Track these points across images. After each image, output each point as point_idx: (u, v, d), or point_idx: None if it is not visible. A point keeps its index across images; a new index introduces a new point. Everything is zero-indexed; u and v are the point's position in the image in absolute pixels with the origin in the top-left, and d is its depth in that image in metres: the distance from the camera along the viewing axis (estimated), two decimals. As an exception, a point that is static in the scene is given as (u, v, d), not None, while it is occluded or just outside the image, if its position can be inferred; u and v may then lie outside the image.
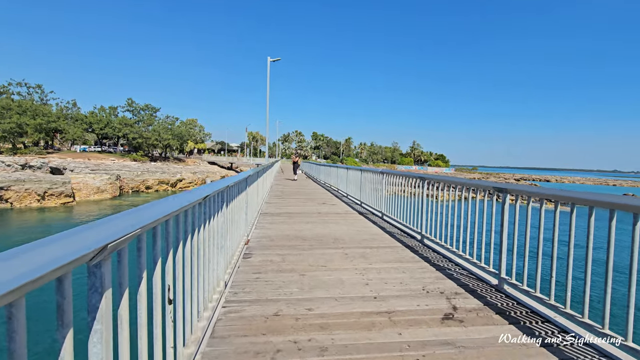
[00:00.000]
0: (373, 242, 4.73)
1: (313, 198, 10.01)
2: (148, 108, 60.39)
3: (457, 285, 3.13)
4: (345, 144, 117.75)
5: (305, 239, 4.84)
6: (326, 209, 7.89)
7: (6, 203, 26.31)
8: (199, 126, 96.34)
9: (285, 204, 8.57)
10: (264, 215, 6.71)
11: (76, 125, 52.56)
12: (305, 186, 14.55)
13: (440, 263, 3.84)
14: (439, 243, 4.28)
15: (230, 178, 3.11)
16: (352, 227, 5.82)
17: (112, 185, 36.60)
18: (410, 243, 4.75)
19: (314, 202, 8.98)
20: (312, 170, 22.82)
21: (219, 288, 2.62)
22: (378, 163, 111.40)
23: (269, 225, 5.70)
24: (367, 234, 5.30)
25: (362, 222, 6.35)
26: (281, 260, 3.77)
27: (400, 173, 5.83)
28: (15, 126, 42.80)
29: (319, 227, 5.67)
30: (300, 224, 5.94)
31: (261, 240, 4.65)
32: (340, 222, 6.19)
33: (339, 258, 3.93)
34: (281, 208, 7.76)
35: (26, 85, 50.70)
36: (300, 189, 13.22)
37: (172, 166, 54.36)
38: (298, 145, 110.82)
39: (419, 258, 4.01)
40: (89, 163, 44.44)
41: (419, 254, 4.17)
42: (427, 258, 4.01)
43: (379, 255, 4.07)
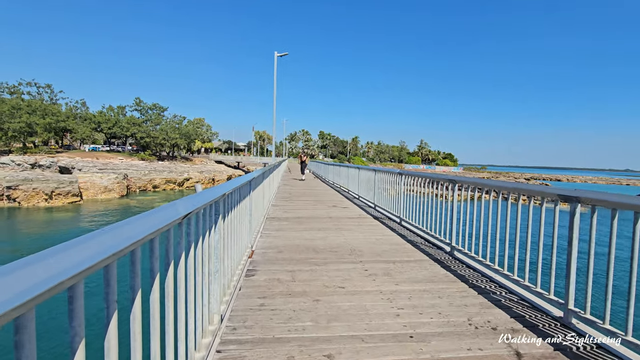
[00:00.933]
0: (396, 255, 4.12)
1: (323, 200, 9.42)
2: (156, 107, 60.48)
3: (511, 318, 2.51)
4: (352, 143, 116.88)
5: (317, 250, 4.25)
6: (338, 212, 7.29)
7: (14, 202, 26.32)
8: (207, 125, 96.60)
9: (294, 206, 8.00)
10: (270, 220, 6.14)
11: (85, 124, 52.84)
12: (313, 187, 13.97)
13: (480, 283, 3.21)
14: (474, 258, 3.65)
15: (230, 183, 2.54)
16: (368, 234, 5.21)
17: (120, 184, 36.55)
18: (438, 256, 4.12)
19: (324, 205, 8.39)
20: (320, 170, 22.23)
21: (212, 326, 2.04)
22: (385, 162, 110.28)
23: (276, 233, 5.12)
24: (387, 243, 4.69)
25: (379, 228, 5.73)
26: (290, 279, 3.19)
27: (424, 175, 5.20)
28: (25, 126, 43.11)
29: (332, 235, 5.07)
30: (311, 231, 5.35)
31: (267, 252, 4.07)
32: (354, 229, 5.58)
33: (359, 276, 3.33)
34: (289, 212, 7.18)
35: (36, 85, 51.14)
36: (309, 189, 12.65)
37: (179, 165, 54.33)
38: (305, 145, 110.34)
39: (454, 277, 3.38)
40: (97, 162, 44.56)
41: (452, 271, 3.55)
42: (464, 277, 3.38)
43: (406, 272, 3.46)
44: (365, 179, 9.03)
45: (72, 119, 51.19)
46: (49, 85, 53.20)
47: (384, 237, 5.08)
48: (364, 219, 6.63)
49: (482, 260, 3.51)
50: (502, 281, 3.21)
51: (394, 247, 4.46)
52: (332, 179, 15.92)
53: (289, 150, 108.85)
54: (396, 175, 6.43)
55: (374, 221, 6.38)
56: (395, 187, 6.47)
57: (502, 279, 3.24)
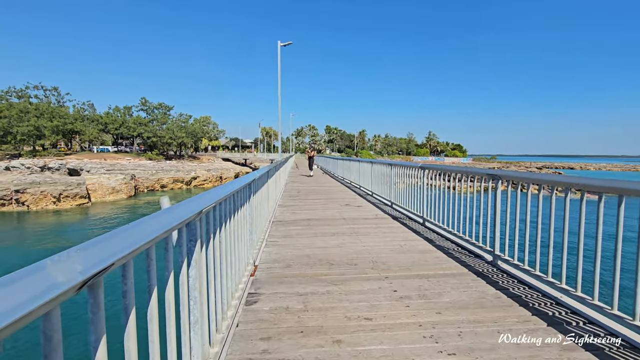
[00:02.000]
0: (427, 266, 3.42)
1: (334, 198, 8.74)
2: (161, 107, 60.35)
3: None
4: (359, 137, 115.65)
5: (333, 262, 3.58)
6: (352, 212, 6.61)
7: (23, 206, 26.32)
8: (213, 123, 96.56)
9: (302, 206, 7.34)
10: (276, 224, 5.49)
11: (92, 126, 52.99)
12: (322, 183, 13.30)
13: (545, 308, 2.50)
14: (530, 272, 2.93)
15: (214, 192, 1.87)
16: (389, 239, 4.52)
17: (127, 185, 36.48)
18: (479, 267, 3.41)
19: (336, 204, 7.70)
20: (328, 165, 21.53)
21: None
22: (393, 155, 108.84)
23: (283, 241, 4.47)
24: (414, 250, 3.99)
25: (401, 230, 5.03)
26: (302, 307, 2.53)
27: (454, 169, 4.47)
28: (34, 129, 43.32)
29: (349, 241, 4.40)
30: (324, 236, 4.68)
31: (273, 268, 3.42)
32: (373, 233, 4.90)
33: (388, 299, 2.66)
34: (297, 213, 6.53)
35: (43, 88, 51.38)
36: (318, 186, 11.98)
37: (186, 164, 54.19)
38: (312, 140, 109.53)
39: (508, 298, 2.68)
40: (104, 163, 44.63)
41: (502, 289, 2.84)
42: (520, 298, 2.68)
43: (446, 292, 2.77)
44: (380, 174, 8.31)
45: (80, 121, 51.35)
46: (55, 88, 53.42)
47: (407, 242, 4.38)
48: (381, 219, 5.93)
49: (540, 275, 2.80)
50: (573, 305, 2.50)
51: (423, 256, 3.77)
52: (342, 175, 15.21)
53: (296, 145, 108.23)
54: (417, 170, 5.70)
55: (393, 222, 5.68)
56: (415, 182, 5.74)
57: (573, 302, 2.52)
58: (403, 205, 6.46)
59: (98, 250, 0.73)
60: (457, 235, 4.28)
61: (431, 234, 4.79)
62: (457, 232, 4.28)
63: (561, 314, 2.41)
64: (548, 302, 2.59)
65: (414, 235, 4.77)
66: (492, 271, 3.29)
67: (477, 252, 3.82)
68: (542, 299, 2.66)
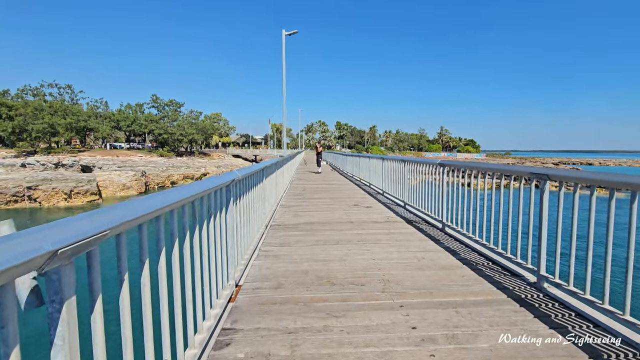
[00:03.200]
0: (453, 289, 2.72)
1: (341, 197, 8.06)
2: (172, 103, 60.61)
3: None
4: (369, 133, 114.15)
5: (334, 280, 2.92)
6: (360, 214, 5.92)
7: (35, 202, 26.57)
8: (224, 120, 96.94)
9: (306, 207, 6.69)
10: (274, 229, 4.85)
11: (105, 123, 53.59)
12: (330, 180, 12.62)
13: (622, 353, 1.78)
14: (595, 304, 2.20)
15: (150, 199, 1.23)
16: (404, 249, 3.82)
17: (138, 181, 36.59)
18: (518, 290, 2.69)
19: (343, 204, 7.02)
20: (337, 162, 20.82)
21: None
22: (404, 151, 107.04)
23: (279, 250, 3.82)
24: (434, 265, 3.29)
25: (417, 238, 4.32)
26: (289, 354, 1.87)
27: (483, 167, 3.72)
28: (48, 126, 44.00)
29: (355, 252, 3.72)
30: (327, 245, 4.01)
31: (260, 289, 2.77)
32: (384, 240, 4.20)
33: (404, 342, 1.98)
34: (300, 215, 5.88)
35: (57, 86, 52.15)
36: (325, 184, 11.31)
37: (197, 160, 54.31)
38: (322, 136, 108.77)
39: (567, 342, 1.96)
40: (116, 160, 45.05)
41: (558, 327, 2.13)
42: (598, 354, 1.96)
43: (483, 335, 2.07)
44: (392, 171, 7.57)
45: (94, 118, 51.99)
46: (69, 86, 54.22)
47: (426, 254, 3.67)
48: (393, 223, 5.23)
49: (616, 312, 2.07)
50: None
51: (447, 274, 3.06)
52: (351, 171, 14.49)
53: (306, 141, 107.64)
54: (436, 167, 4.96)
55: (407, 227, 4.97)
56: (433, 181, 5.01)
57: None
58: (418, 206, 5.73)
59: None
60: (486, 246, 3.55)
61: (453, 243, 4.07)
62: (487, 243, 3.55)
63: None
64: (627, 346, 1.87)
65: (432, 244, 4.05)
66: (539, 298, 2.56)
67: (514, 270, 3.09)
68: (618, 348, 1.93)
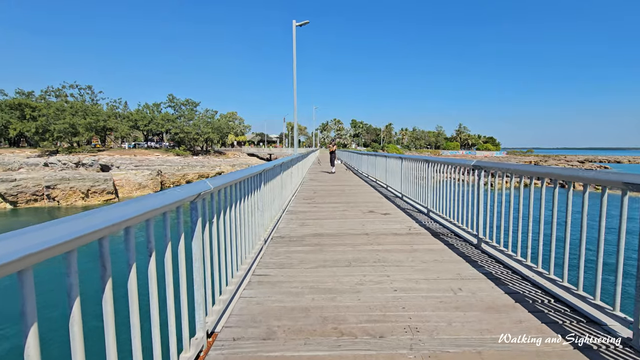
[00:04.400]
0: (512, 348, 1.93)
1: (356, 201, 7.28)
2: (188, 103, 61.09)
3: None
4: (385, 131, 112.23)
5: (344, 326, 2.17)
6: (377, 223, 5.14)
7: (54, 201, 27.03)
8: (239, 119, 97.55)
9: (315, 213, 5.96)
10: (275, 243, 4.15)
11: (123, 123, 54.56)
12: (344, 181, 11.84)
13: None
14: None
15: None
16: (434, 274, 3.04)
17: (154, 180, 36.90)
18: (610, 355, 1.88)
19: (358, 210, 6.25)
20: (352, 161, 19.99)
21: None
22: (421, 149, 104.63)
23: (275, 273, 3.11)
24: (478, 304, 2.49)
25: (448, 257, 3.52)
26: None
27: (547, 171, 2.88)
28: (69, 126, 45.07)
29: (372, 278, 2.97)
30: (337, 267, 3.27)
31: (242, 339, 2.06)
32: (407, 261, 3.42)
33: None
34: (307, 224, 5.16)
35: (77, 87, 53.45)
36: (338, 185, 10.54)
37: (212, 159, 54.55)
38: (337, 134, 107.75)
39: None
40: (134, 159, 45.73)
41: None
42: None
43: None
44: (412, 172, 6.74)
45: (113, 118, 53.00)
46: (89, 87, 55.50)
47: (463, 282, 2.87)
48: (416, 236, 4.42)
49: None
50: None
51: (496, 318, 2.27)
52: (367, 171, 13.67)
53: (321, 140, 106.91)
54: (470, 170, 4.13)
55: (433, 241, 4.16)
56: (465, 184, 4.18)
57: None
58: (446, 215, 4.90)
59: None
60: (544, 275, 2.71)
61: (495, 266, 3.24)
62: (544, 272, 2.71)
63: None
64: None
65: (468, 267, 3.24)
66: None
67: (593, 316, 2.25)
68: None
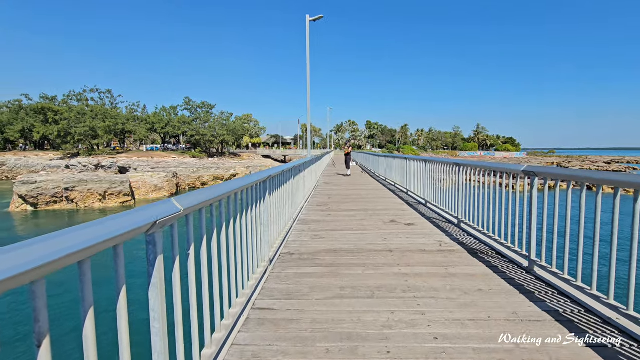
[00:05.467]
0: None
1: (375, 209, 6.61)
2: (204, 105, 61.71)
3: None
4: (401, 132, 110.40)
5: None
6: (400, 236, 4.47)
7: (72, 203, 27.48)
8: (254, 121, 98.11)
9: (330, 223, 5.34)
10: (284, 261, 3.55)
11: (141, 125, 55.58)
12: (360, 185, 11.17)
13: None
14: None
15: None
16: (483, 313, 2.36)
17: (169, 182, 37.15)
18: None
19: (378, 219, 5.59)
20: (368, 163, 19.27)
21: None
22: (438, 150, 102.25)
23: (280, 307, 2.50)
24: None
25: (495, 286, 2.82)
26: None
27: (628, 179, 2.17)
28: (89, 129, 46.19)
29: (402, 318, 2.32)
30: (355, 298, 2.63)
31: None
32: (444, 291, 2.75)
33: None
34: (321, 236, 4.54)
35: (97, 91, 54.82)
36: (355, 189, 9.88)
37: (227, 161, 54.81)
38: (352, 135, 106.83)
39: None
40: (150, 161, 46.39)
41: None
42: None
43: None
44: (438, 175, 6.02)
45: (132, 121, 54.08)
46: (109, 90, 56.87)
47: (525, 326, 2.18)
48: (450, 254, 3.73)
49: None
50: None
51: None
52: (384, 174, 12.94)
53: (336, 141, 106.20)
54: (519, 177, 3.42)
55: (472, 262, 3.46)
56: (501, 188, 3.46)
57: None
58: (483, 228, 4.18)
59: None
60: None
61: (560, 301, 2.53)
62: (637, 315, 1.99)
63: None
64: None
65: (525, 302, 2.54)
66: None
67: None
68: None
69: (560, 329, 2.15)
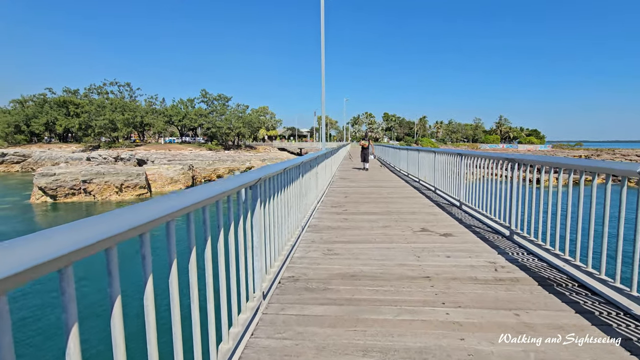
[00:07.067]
0: None
1: (399, 212, 5.59)
2: (220, 98, 61.58)
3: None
4: (419, 124, 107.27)
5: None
6: (438, 254, 3.46)
7: (90, 195, 27.74)
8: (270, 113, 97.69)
9: (347, 231, 4.38)
10: (285, 293, 2.62)
11: (159, 118, 56.08)
12: (380, 181, 10.11)
13: None
14: None
15: None
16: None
17: (185, 175, 37.14)
18: None
19: (405, 227, 4.58)
20: (387, 156, 18.10)
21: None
22: (458, 142, 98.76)
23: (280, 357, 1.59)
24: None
25: (601, 353, 1.81)
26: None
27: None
28: (108, 122, 46.87)
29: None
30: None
31: None
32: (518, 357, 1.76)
33: None
34: (336, 251, 3.59)
35: (117, 84, 55.54)
36: (373, 187, 8.85)
37: (243, 154, 54.61)
38: (368, 127, 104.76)
39: None
40: (168, 154, 46.69)
41: None
42: None
43: None
44: (472, 169, 4.93)
45: (150, 114, 54.62)
46: (128, 84, 57.59)
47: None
48: (513, 285, 2.70)
49: None
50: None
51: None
52: (406, 169, 11.81)
53: (352, 134, 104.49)
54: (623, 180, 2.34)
55: (552, 303, 2.42)
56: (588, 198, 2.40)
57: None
58: (552, 247, 3.10)
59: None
60: None
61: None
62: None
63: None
64: None
65: None
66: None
67: None
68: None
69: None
